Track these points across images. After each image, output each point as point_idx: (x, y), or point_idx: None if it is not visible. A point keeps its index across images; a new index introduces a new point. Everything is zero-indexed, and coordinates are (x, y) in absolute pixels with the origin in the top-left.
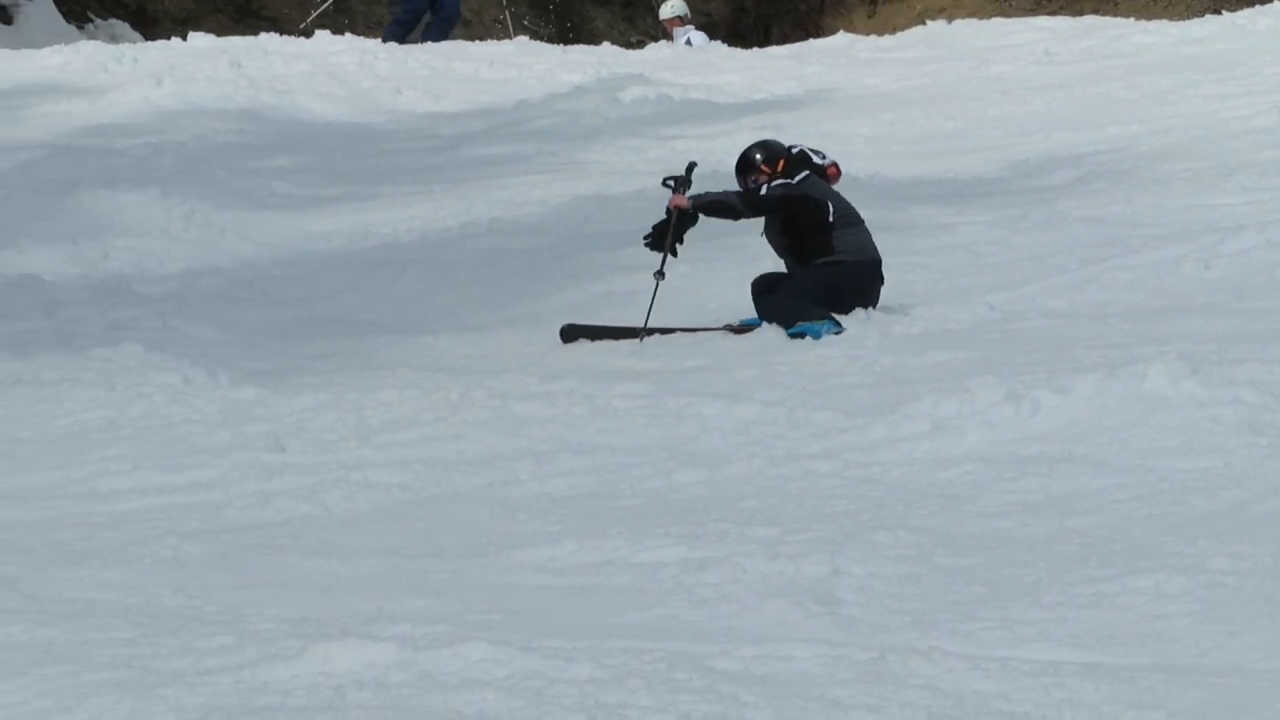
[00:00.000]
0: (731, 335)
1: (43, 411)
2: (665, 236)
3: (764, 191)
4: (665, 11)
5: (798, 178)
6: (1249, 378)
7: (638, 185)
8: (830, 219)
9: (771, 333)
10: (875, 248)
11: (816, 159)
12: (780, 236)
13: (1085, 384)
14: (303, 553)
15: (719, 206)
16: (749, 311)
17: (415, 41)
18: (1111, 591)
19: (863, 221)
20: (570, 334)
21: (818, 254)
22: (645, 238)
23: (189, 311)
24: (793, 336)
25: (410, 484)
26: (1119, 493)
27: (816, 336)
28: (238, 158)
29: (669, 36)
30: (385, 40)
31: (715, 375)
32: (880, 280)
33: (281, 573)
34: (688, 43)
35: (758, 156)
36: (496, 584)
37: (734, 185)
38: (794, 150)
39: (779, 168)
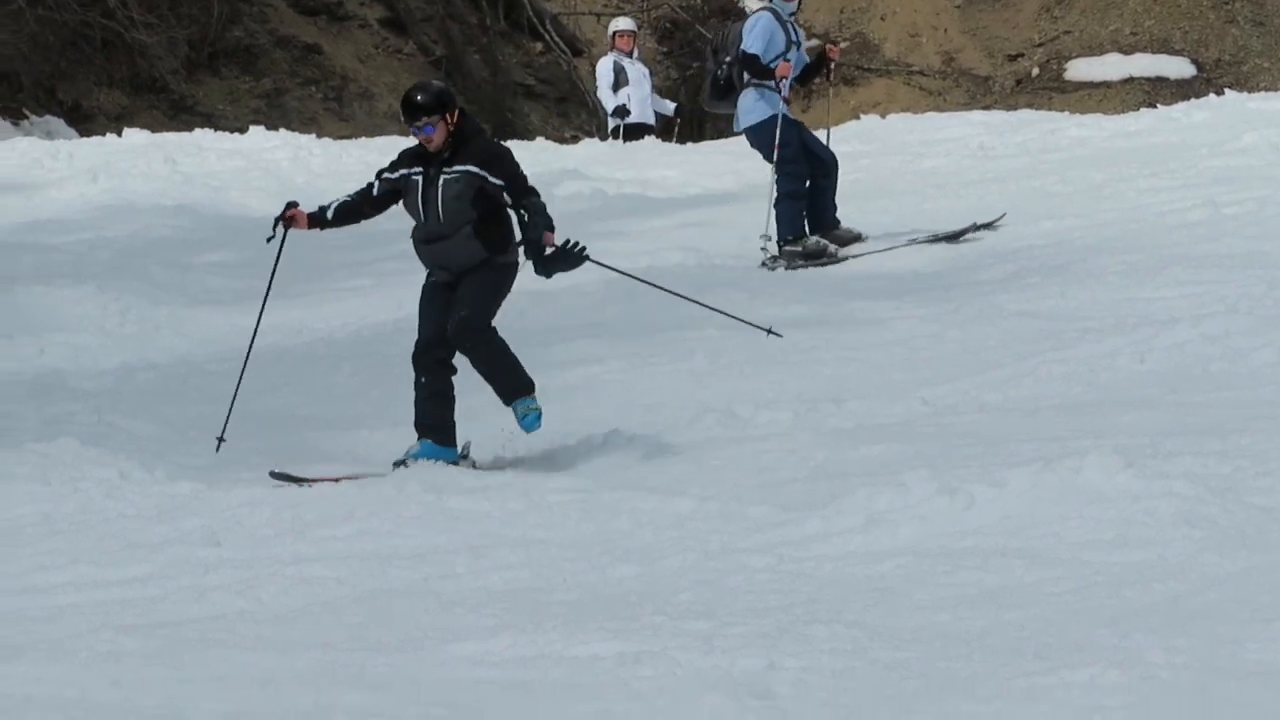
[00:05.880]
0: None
1: None
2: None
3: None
4: (626, 24)
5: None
6: (1184, 471)
7: (572, 280)
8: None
9: (708, 425)
10: None
11: None
12: (475, 220)
13: (1020, 477)
14: (239, 647)
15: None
16: (685, 405)
17: None
18: (1047, 685)
19: None
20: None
21: (504, 242)
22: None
23: (125, 407)
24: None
25: (346, 578)
26: (1054, 586)
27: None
28: (173, 253)
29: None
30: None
31: (649, 470)
32: None
33: (218, 667)
34: (616, 82)
35: (432, 100)
36: (433, 678)
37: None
38: None
39: (455, 117)
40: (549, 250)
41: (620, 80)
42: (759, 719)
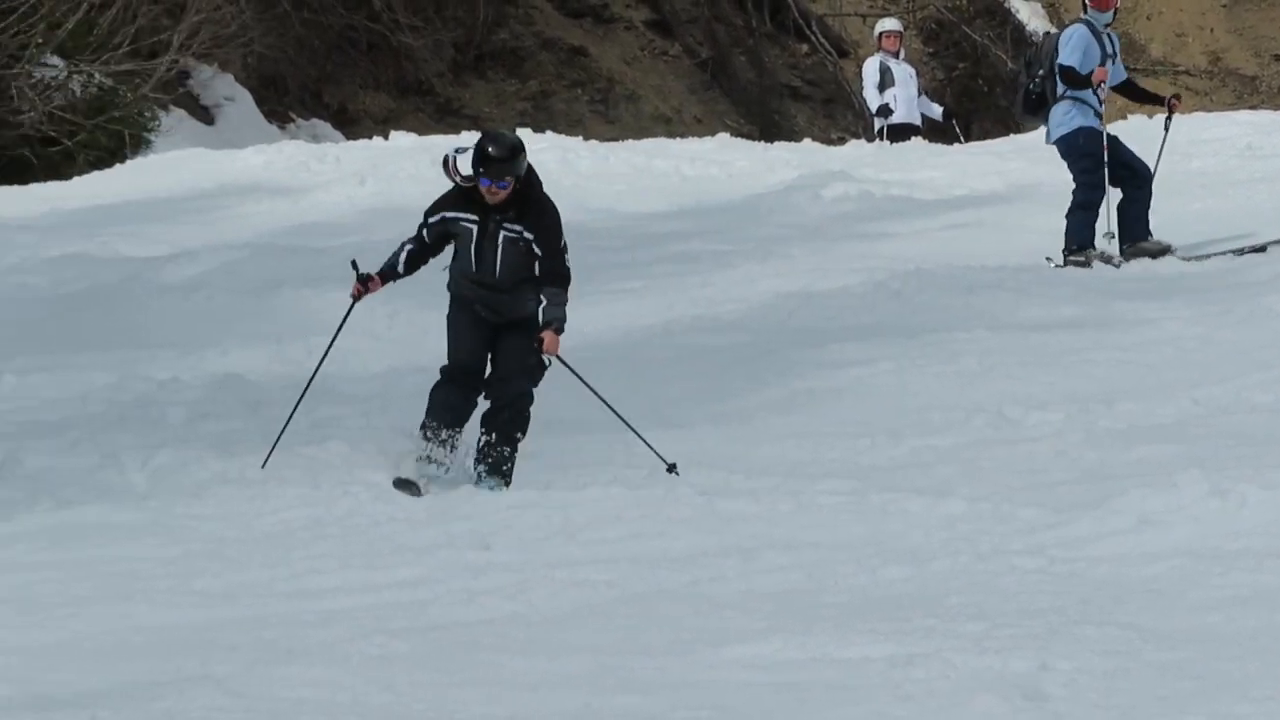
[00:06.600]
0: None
1: (249, 510)
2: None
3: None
4: (892, 24)
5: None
6: None
7: (841, 282)
8: None
9: (978, 427)
10: None
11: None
12: (525, 270)
13: None
14: (509, 650)
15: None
16: (955, 406)
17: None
18: None
19: None
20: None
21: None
22: None
23: (393, 410)
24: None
25: (616, 581)
26: None
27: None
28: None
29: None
30: None
31: (919, 472)
32: None
33: (488, 670)
34: (882, 83)
35: (515, 157)
36: (703, 681)
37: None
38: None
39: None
40: (543, 357)
41: (886, 81)
42: None
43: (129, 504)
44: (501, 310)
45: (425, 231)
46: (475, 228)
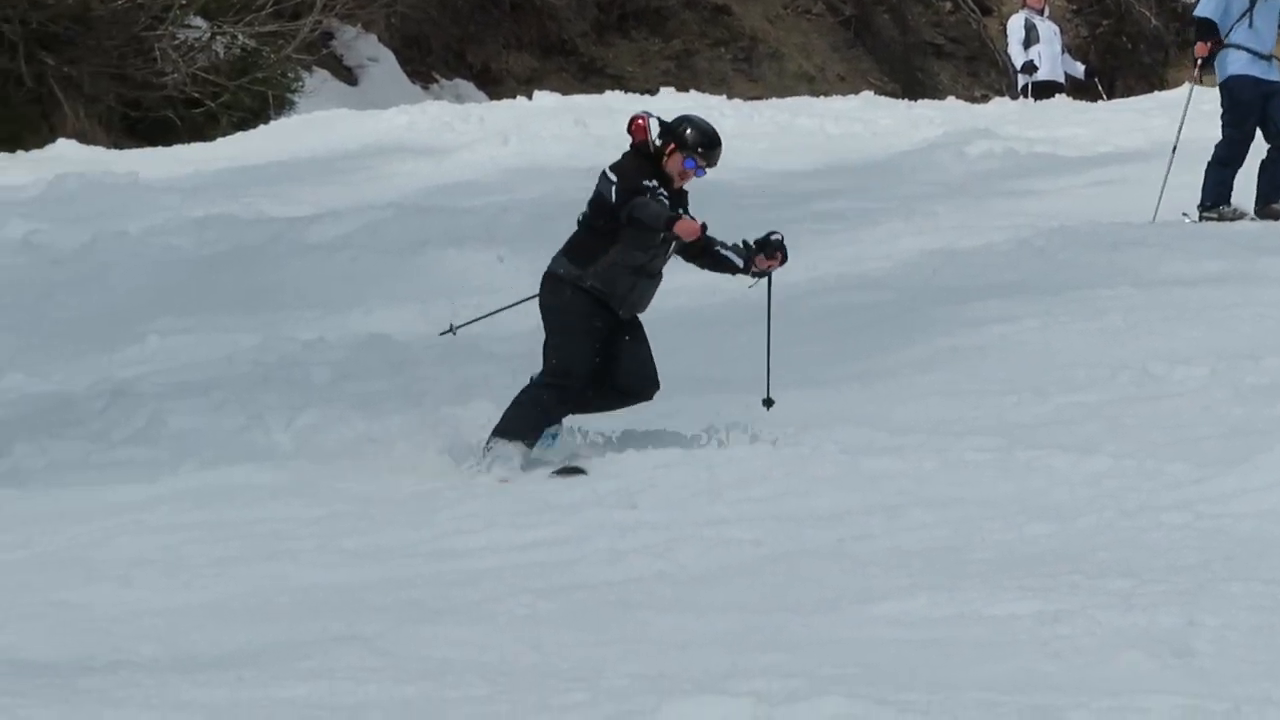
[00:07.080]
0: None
1: (394, 470)
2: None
3: None
4: None
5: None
6: None
7: (985, 239)
8: None
9: (1123, 383)
10: None
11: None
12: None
13: None
14: (656, 609)
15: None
16: (1099, 363)
17: None
18: None
19: None
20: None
21: None
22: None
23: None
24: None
25: (762, 540)
26: None
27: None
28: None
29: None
30: None
31: (1063, 429)
32: None
33: (635, 629)
34: (1027, 40)
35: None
36: (850, 638)
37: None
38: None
39: None
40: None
41: (1031, 38)
42: (1179, 676)
43: (274, 464)
44: (643, 302)
45: (655, 192)
46: (669, 205)
